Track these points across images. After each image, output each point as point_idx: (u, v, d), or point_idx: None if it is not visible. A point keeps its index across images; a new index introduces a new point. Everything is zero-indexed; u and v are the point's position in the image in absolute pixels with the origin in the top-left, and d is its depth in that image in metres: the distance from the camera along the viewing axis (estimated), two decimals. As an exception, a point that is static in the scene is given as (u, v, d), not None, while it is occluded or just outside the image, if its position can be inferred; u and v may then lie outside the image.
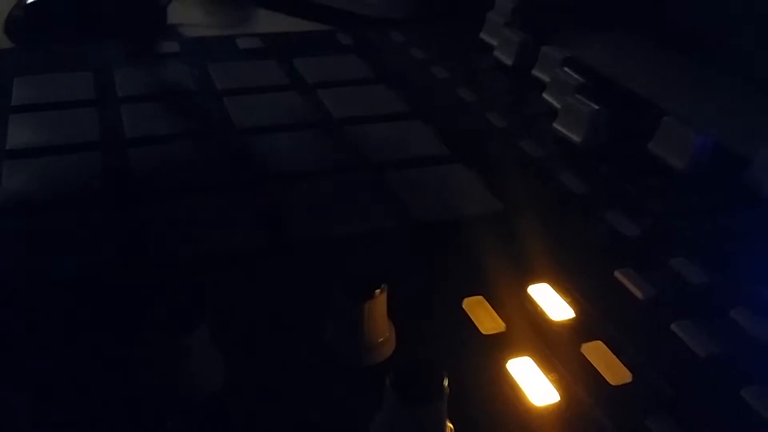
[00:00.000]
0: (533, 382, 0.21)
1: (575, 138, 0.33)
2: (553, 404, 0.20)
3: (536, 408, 0.20)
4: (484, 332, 0.22)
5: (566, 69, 0.37)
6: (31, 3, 0.44)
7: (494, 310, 0.23)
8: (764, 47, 0.34)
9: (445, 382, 0.17)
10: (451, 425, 0.18)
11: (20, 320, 0.22)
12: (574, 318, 0.23)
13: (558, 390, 0.20)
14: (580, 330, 0.23)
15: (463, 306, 0.23)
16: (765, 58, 0.34)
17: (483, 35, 0.45)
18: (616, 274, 0.25)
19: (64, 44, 0.41)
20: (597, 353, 0.22)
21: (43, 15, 0.44)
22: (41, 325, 0.22)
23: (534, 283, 0.24)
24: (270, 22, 0.52)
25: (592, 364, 0.21)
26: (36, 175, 0.29)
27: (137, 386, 0.19)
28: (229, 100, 0.35)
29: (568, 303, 0.24)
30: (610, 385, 0.21)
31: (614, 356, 0.22)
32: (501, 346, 0.22)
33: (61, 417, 0.19)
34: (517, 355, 0.21)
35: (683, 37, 0.39)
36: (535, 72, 0.40)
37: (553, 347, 0.22)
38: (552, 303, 0.24)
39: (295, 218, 0.27)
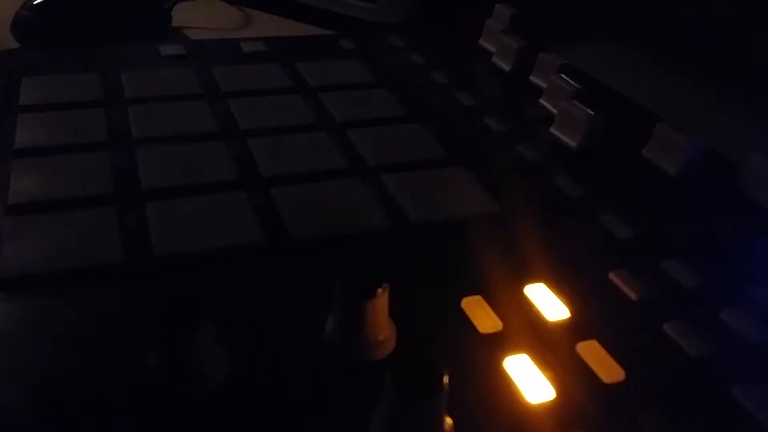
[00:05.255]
0: (529, 380, 0.21)
1: (571, 143, 0.34)
2: (549, 401, 0.21)
3: (532, 404, 0.20)
4: (482, 331, 0.23)
5: (563, 75, 0.38)
6: (39, 3, 0.44)
7: (492, 309, 0.24)
8: (756, 55, 0.35)
9: (445, 378, 0.17)
10: (450, 420, 0.19)
11: (26, 316, 0.22)
12: (569, 318, 0.24)
13: (553, 387, 0.21)
14: (575, 329, 0.23)
15: (462, 305, 0.24)
16: (757, 65, 0.35)
17: (482, 41, 0.45)
18: (610, 275, 0.26)
19: (72, 45, 0.41)
20: (591, 352, 0.22)
21: (51, 15, 0.45)
22: (47, 322, 0.22)
23: (530, 284, 0.25)
24: (273, 26, 0.53)
25: (586, 363, 0.22)
26: (44, 174, 0.29)
27: (144, 381, 0.20)
28: (234, 103, 0.36)
29: (563, 303, 0.24)
30: (604, 383, 0.21)
31: (608, 355, 0.22)
32: (498, 345, 0.22)
33: (67, 412, 0.19)
34: (514, 354, 0.22)
35: (678, 45, 0.39)
36: (533, 78, 0.40)
37: (549, 346, 0.22)
38: (548, 303, 0.24)
39: (296, 218, 0.27)
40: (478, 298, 0.24)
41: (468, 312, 0.24)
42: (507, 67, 0.42)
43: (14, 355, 0.21)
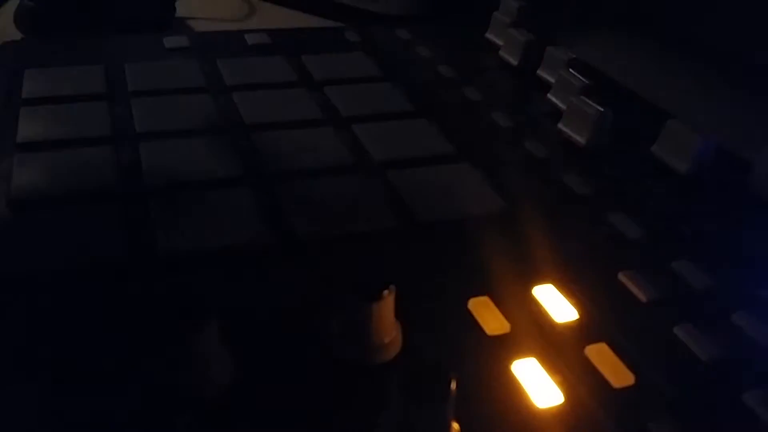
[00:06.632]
0: (538, 383, 0.21)
1: (580, 139, 0.33)
2: (557, 406, 0.20)
3: (540, 409, 0.20)
4: (489, 333, 0.23)
5: (571, 70, 0.37)
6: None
7: (499, 310, 0.23)
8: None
9: (452, 383, 0.17)
10: (457, 425, 0.19)
11: (29, 314, 0.22)
12: (578, 320, 0.23)
13: (562, 391, 0.21)
14: (584, 332, 0.23)
15: (469, 306, 0.24)
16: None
17: (489, 35, 0.45)
18: (620, 276, 0.25)
19: (75, 37, 0.41)
20: (601, 355, 0.22)
21: (54, 6, 0.44)
22: (50, 320, 0.22)
23: (539, 284, 0.25)
24: (278, 18, 0.52)
25: (595, 366, 0.22)
26: (46, 168, 0.29)
27: (147, 382, 0.20)
28: (238, 96, 0.36)
29: (572, 304, 0.24)
30: (614, 387, 0.21)
31: (617, 358, 0.22)
32: (506, 347, 0.22)
33: (69, 412, 0.19)
34: (522, 356, 0.22)
35: (688, 40, 0.39)
36: (541, 72, 0.40)
37: (557, 349, 0.22)
38: (556, 304, 0.24)
39: (300, 216, 0.27)
40: (485, 298, 0.24)
41: (475, 313, 0.23)
42: (514, 61, 0.41)
43: (15, 352, 0.21)
